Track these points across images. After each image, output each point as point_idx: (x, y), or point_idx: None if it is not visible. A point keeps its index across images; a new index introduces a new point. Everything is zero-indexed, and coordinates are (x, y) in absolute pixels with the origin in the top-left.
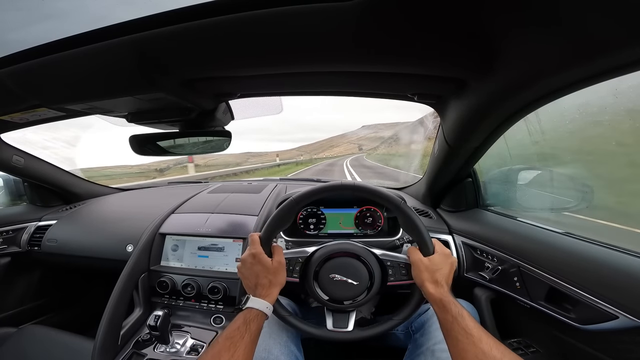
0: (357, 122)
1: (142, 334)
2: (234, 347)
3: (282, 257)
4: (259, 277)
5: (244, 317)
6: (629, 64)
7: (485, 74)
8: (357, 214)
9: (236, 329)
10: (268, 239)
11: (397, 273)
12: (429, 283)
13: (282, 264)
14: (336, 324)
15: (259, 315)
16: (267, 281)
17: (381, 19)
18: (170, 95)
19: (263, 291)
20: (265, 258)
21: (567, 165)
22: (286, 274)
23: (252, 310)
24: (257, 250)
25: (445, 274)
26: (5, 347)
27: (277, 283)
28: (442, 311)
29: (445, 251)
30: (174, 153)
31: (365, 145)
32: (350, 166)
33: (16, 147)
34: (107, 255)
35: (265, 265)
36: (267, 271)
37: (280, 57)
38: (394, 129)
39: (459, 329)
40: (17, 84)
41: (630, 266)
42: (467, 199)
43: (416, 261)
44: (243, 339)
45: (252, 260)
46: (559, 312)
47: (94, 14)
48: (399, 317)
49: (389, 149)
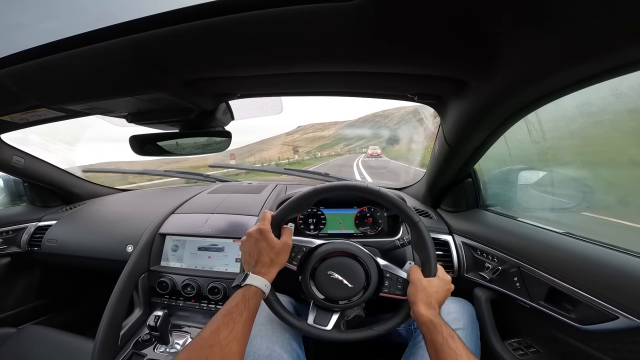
0: (293, 123)
1: (142, 334)
2: (233, 323)
3: (289, 239)
4: (262, 254)
5: (243, 294)
6: (629, 64)
7: (485, 74)
8: (357, 214)
9: (235, 306)
10: (281, 220)
11: (392, 286)
12: (422, 304)
13: (289, 245)
14: (317, 320)
15: (258, 293)
16: (268, 259)
17: (381, 19)
18: (170, 95)
19: (263, 269)
20: (272, 236)
21: (567, 166)
22: (288, 260)
23: (251, 288)
24: (266, 227)
25: (440, 298)
26: (5, 347)
27: (278, 263)
28: (432, 332)
29: (446, 277)
30: (174, 153)
31: (301, 147)
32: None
33: (16, 147)
34: (107, 255)
35: (271, 243)
36: (272, 249)
37: (280, 57)
38: (335, 127)
39: (448, 350)
40: (17, 84)
41: (630, 266)
42: (467, 199)
43: (415, 280)
44: (242, 315)
45: (258, 236)
46: (559, 312)
47: (94, 14)
48: (380, 329)
49: (330, 150)
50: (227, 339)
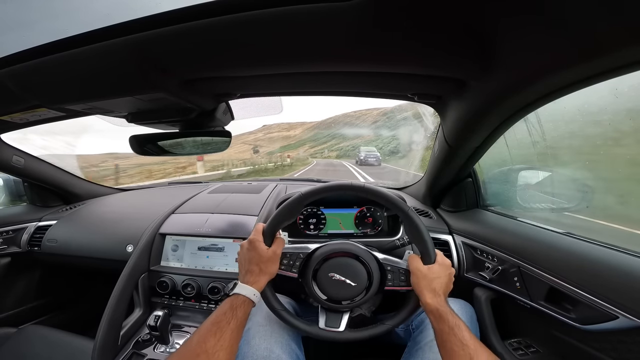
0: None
1: (142, 334)
2: (220, 332)
3: (279, 248)
4: (251, 263)
5: (231, 303)
6: (629, 64)
7: (485, 74)
8: (357, 214)
9: (222, 314)
10: (271, 230)
11: (395, 278)
12: (427, 292)
13: (277, 254)
14: (328, 323)
15: (246, 302)
16: (257, 269)
17: (381, 19)
18: (170, 95)
19: (251, 278)
20: (261, 246)
21: (567, 166)
22: (285, 269)
23: (239, 297)
24: (256, 238)
25: (443, 283)
26: (5, 347)
27: (267, 272)
28: (439, 321)
29: (445, 262)
30: (174, 153)
31: (263, 147)
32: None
33: (16, 147)
34: (107, 255)
35: (260, 252)
36: (260, 259)
37: (280, 57)
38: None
39: (455, 340)
40: (17, 84)
41: (630, 266)
42: (467, 199)
43: (415, 269)
44: (229, 324)
45: (248, 246)
46: (559, 312)
47: (93, 14)
48: (392, 322)
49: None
50: (214, 348)
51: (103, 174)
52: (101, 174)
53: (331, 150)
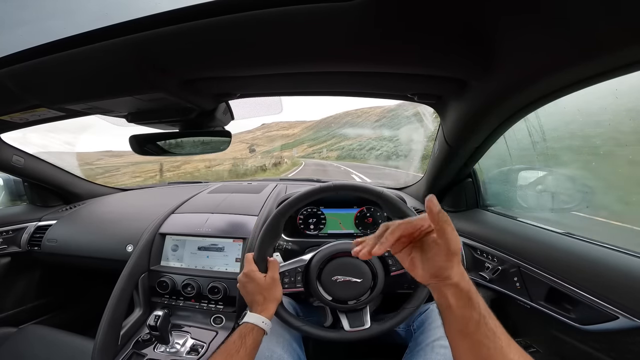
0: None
1: (142, 334)
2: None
3: (275, 272)
4: (254, 294)
5: (240, 332)
6: (629, 64)
7: (485, 73)
8: (357, 214)
9: (232, 343)
10: (261, 256)
11: (398, 262)
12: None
13: (275, 279)
14: (353, 323)
15: (255, 330)
16: (261, 298)
17: (381, 19)
18: (170, 95)
19: (258, 307)
20: (257, 275)
21: (567, 166)
22: (289, 286)
23: (248, 325)
24: (250, 269)
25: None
26: (5, 347)
27: (272, 298)
28: (467, 307)
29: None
30: (174, 153)
31: (261, 146)
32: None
33: (16, 147)
34: (107, 255)
35: (258, 282)
36: (261, 288)
37: (280, 57)
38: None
39: (486, 331)
40: (17, 84)
41: (630, 266)
42: (467, 199)
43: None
44: (238, 352)
45: (245, 279)
46: (559, 312)
47: (93, 14)
48: (410, 305)
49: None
50: None
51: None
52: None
53: (330, 150)
